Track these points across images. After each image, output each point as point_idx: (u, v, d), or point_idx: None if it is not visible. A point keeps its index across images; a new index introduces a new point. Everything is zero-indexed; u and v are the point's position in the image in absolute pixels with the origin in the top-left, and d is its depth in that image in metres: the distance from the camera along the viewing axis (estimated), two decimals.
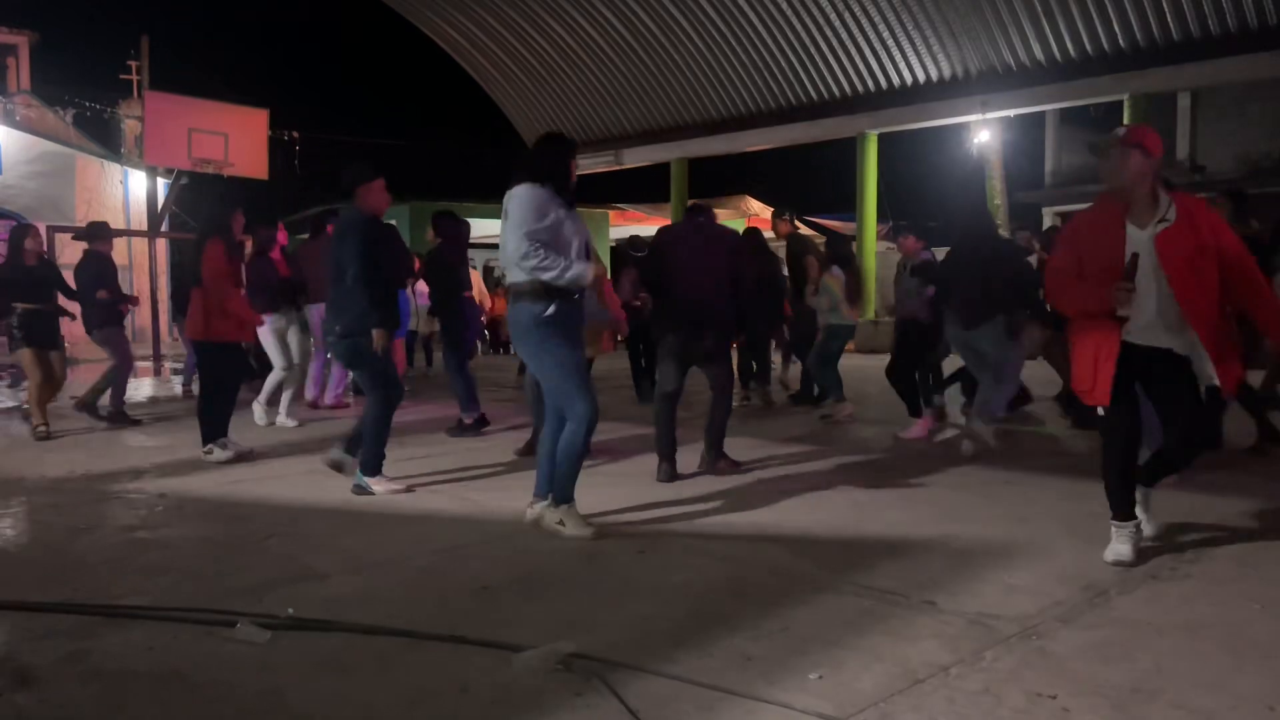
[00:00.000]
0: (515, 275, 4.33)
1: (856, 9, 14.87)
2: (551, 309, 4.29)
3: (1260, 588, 3.59)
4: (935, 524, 4.56)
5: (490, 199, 23.32)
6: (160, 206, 17.46)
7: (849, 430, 7.58)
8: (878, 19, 14.79)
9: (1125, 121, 13.41)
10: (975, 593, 3.53)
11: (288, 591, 3.61)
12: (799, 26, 15.59)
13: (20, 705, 2.67)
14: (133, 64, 23.86)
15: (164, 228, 18.47)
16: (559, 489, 4.43)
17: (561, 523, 4.37)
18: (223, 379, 6.58)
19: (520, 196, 4.30)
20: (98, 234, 8.29)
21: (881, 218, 17.38)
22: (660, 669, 2.81)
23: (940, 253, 7.14)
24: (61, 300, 7.91)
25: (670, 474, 5.54)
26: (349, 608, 3.39)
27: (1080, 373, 3.91)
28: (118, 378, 8.23)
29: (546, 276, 4.23)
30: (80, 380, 9.55)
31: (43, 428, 7.44)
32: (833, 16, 15.16)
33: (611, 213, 23.65)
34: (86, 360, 11.73)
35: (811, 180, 27.69)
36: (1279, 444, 6.18)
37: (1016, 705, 2.59)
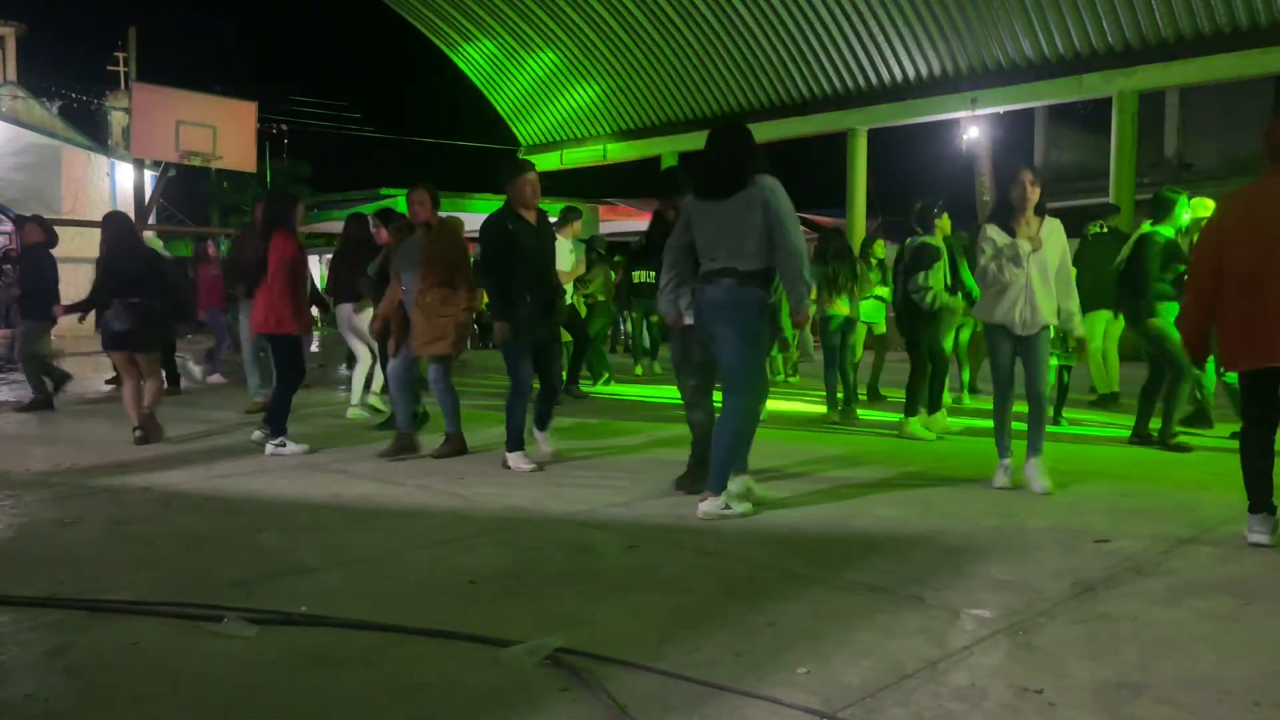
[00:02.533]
0: (751, 263, 4.48)
1: (847, 5, 14.89)
2: (772, 298, 4.70)
3: (1243, 583, 3.61)
4: (923, 520, 4.58)
5: (480, 192, 23.30)
6: (147, 199, 17.37)
7: (840, 429, 7.60)
8: (868, 15, 14.81)
9: (1114, 119, 13.46)
10: (962, 588, 3.54)
11: (275, 586, 3.60)
12: (790, 23, 15.59)
13: (4, 700, 2.65)
14: (120, 55, 23.77)
15: (151, 220, 18.36)
16: (741, 460, 4.71)
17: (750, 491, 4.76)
18: (302, 372, 6.70)
19: (780, 189, 4.52)
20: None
21: (871, 214, 17.42)
22: (648, 664, 2.81)
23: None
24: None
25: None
26: (337, 602, 3.38)
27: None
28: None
29: (806, 272, 4.53)
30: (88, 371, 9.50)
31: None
32: (823, 13, 15.17)
33: (602, 208, 23.62)
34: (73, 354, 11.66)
35: (802, 176, 27.72)
36: None
37: (1003, 699, 2.60)
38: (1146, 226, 6.65)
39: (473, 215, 22.09)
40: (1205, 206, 6.81)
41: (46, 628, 3.17)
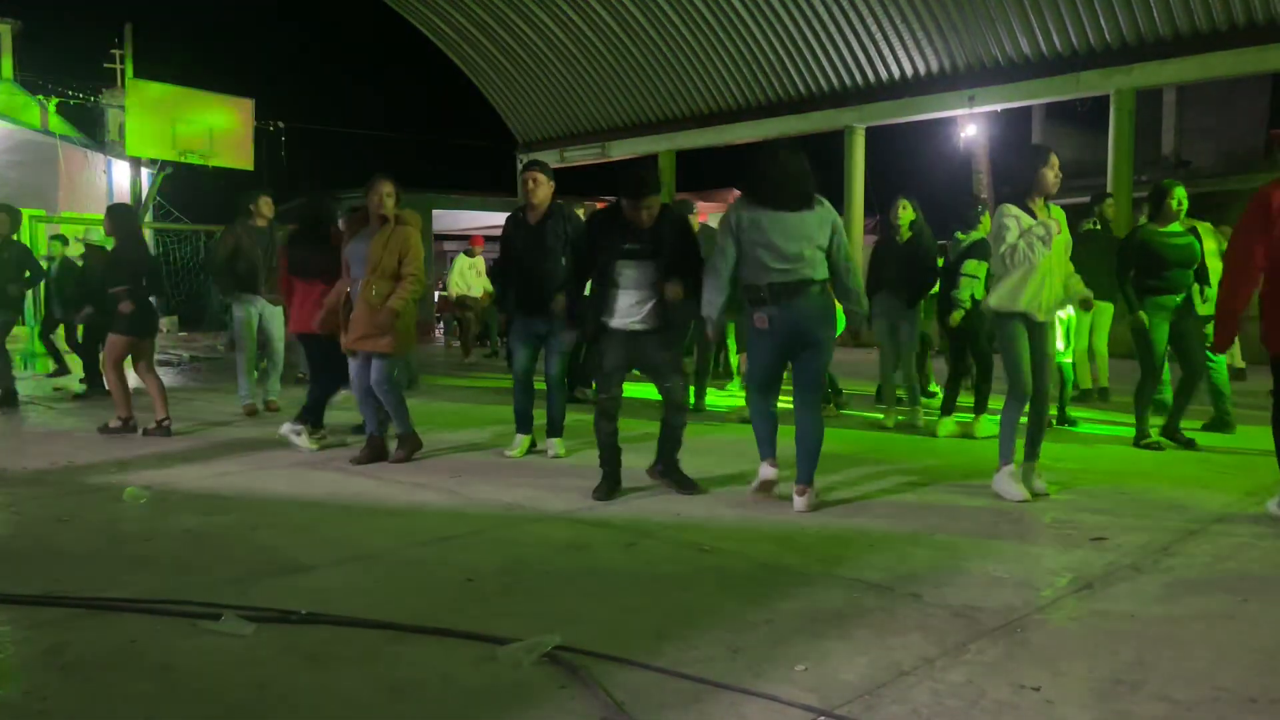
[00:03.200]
0: (822, 273, 4.72)
1: (845, 3, 14.88)
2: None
3: (1240, 581, 3.62)
4: (921, 518, 4.58)
5: (477, 191, 23.27)
6: (144, 197, 17.35)
7: (836, 425, 7.60)
8: (866, 13, 14.80)
9: (1111, 116, 13.47)
10: (960, 585, 3.55)
11: (272, 584, 3.60)
12: (787, 20, 15.58)
13: (2, 698, 2.65)
14: (116, 53, 23.64)
15: (148, 218, 18.35)
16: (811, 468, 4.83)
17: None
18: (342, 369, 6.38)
19: None
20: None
21: (869, 212, 17.41)
22: (646, 661, 2.81)
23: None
24: None
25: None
26: (334, 600, 3.38)
27: None
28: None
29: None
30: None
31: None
32: (821, 10, 15.17)
33: (599, 204, 23.56)
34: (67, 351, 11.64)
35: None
36: None
37: (1000, 697, 2.61)
38: (1142, 220, 6.67)
39: (469, 215, 22.18)
40: (1207, 231, 6.73)
41: (44, 626, 3.17)
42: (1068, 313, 7.08)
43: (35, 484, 5.46)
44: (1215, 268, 6.41)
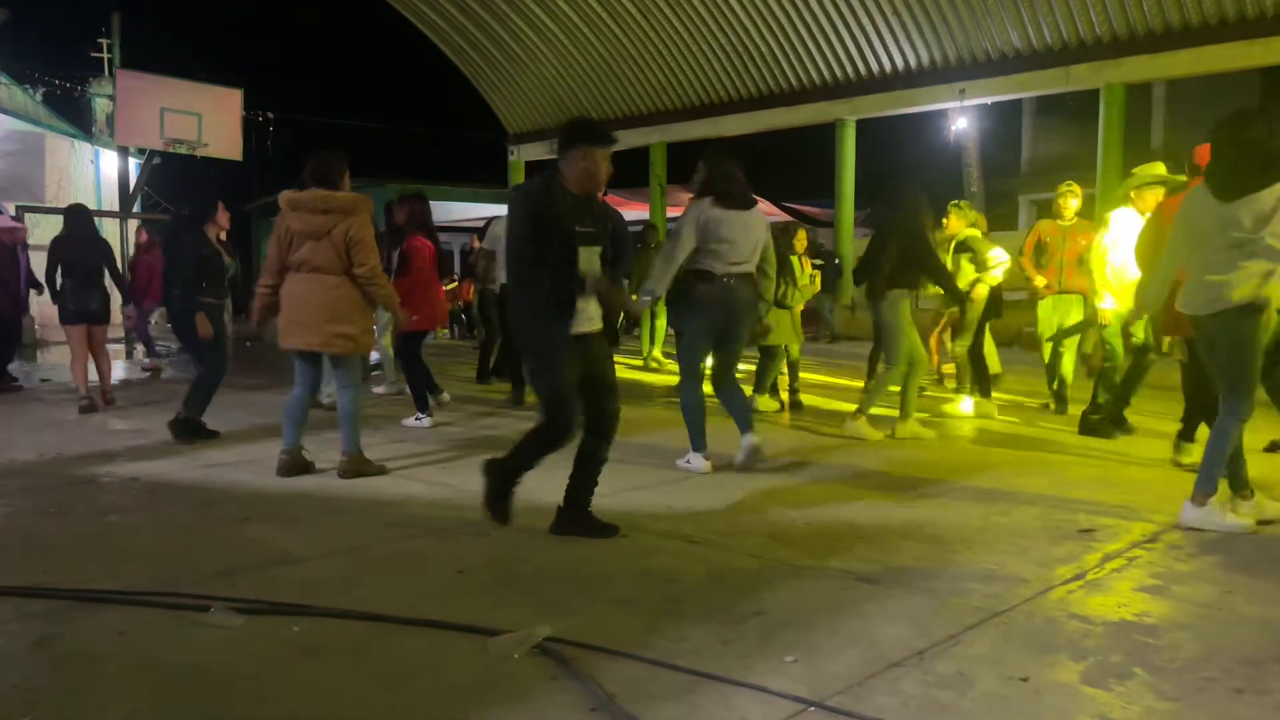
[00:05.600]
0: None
1: None
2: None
3: (1228, 573, 3.65)
4: (911, 510, 4.60)
5: (465, 182, 23.23)
6: (132, 187, 17.24)
7: (828, 419, 7.61)
8: (857, 6, 14.78)
9: (1101, 110, 13.49)
10: (949, 577, 3.56)
11: (262, 576, 3.59)
12: (779, 12, 15.56)
13: None
14: (104, 42, 23.50)
15: (136, 208, 18.24)
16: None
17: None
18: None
19: None
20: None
21: (860, 205, 17.43)
22: (636, 653, 2.82)
23: None
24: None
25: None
26: (325, 592, 3.38)
27: None
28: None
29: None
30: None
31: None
32: (813, 3, 15.14)
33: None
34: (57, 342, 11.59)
35: (791, 166, 27.68)
36: None
37: (989, 688, 2.62)
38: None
39: (460, 206, 22.12)
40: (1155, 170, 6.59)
41: (33, 618, 3.16)
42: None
43: (24, 475, 5.43)
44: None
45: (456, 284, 12.45)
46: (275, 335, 5.41)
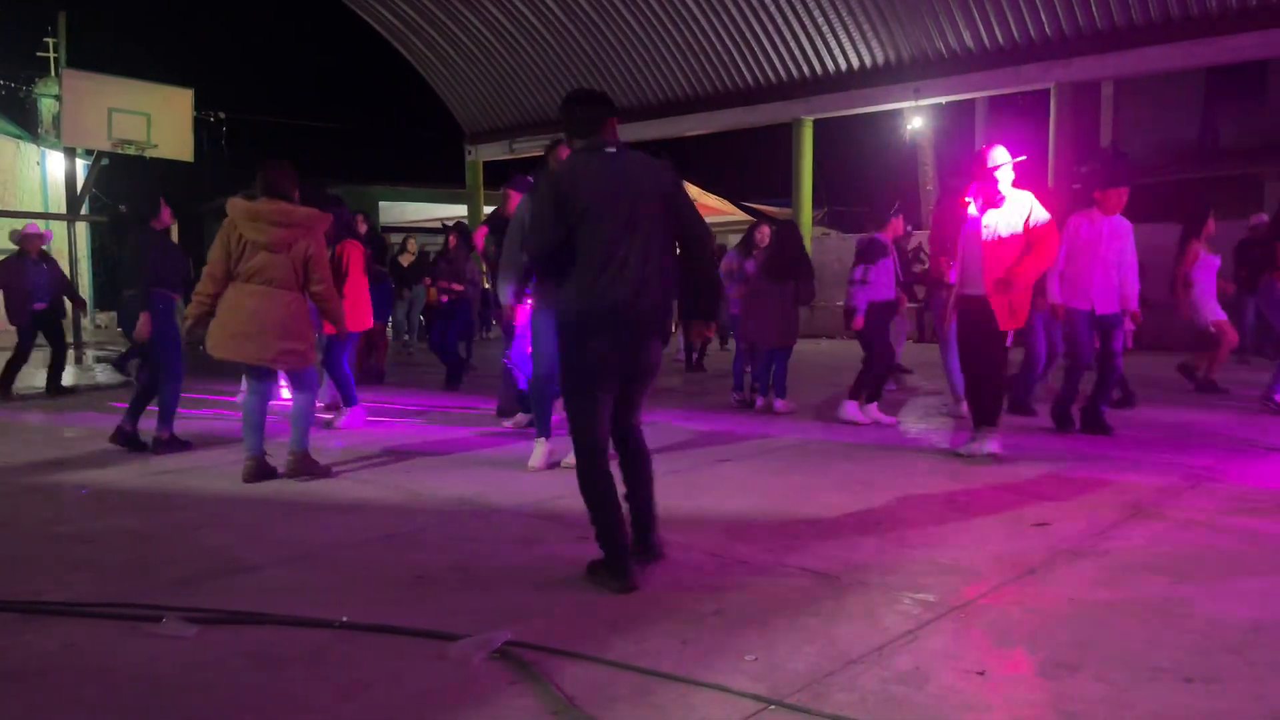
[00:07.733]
0: None
1: None
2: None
3: (1175, 564, 3.72)
4: (868, 506, 4.63)
5: (425, 183, 23.04)
6: (79, 189, 16.91)
7: (786, 415, 7.65)
8: (813, 5, 14.89)
9: (1051, 109, 13.71)
10: (906, 573, 3.59)
11: (217, 584, 3.54)
12: (735, 11, 15.62)
13: None
14: (50, 41, 22.97)
15: (83, 211, 17.88)
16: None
17: None
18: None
19: None
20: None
21: (817, 204, 17.55)
22: (596, 655, 2.81)
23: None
24: None
25: None
26: (281, 599, 3.33)
27: None
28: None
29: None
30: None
31: None
32: (769, 2, 15.22)
33: None
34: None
35: (749, 165, 27.83)
36: None
37: (946, 682, 2.65)
38: None
39: (415, 206, 21.90)
40: None
41: None
42: None
43: None
44: None
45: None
46: (202, 341, 5.27)
